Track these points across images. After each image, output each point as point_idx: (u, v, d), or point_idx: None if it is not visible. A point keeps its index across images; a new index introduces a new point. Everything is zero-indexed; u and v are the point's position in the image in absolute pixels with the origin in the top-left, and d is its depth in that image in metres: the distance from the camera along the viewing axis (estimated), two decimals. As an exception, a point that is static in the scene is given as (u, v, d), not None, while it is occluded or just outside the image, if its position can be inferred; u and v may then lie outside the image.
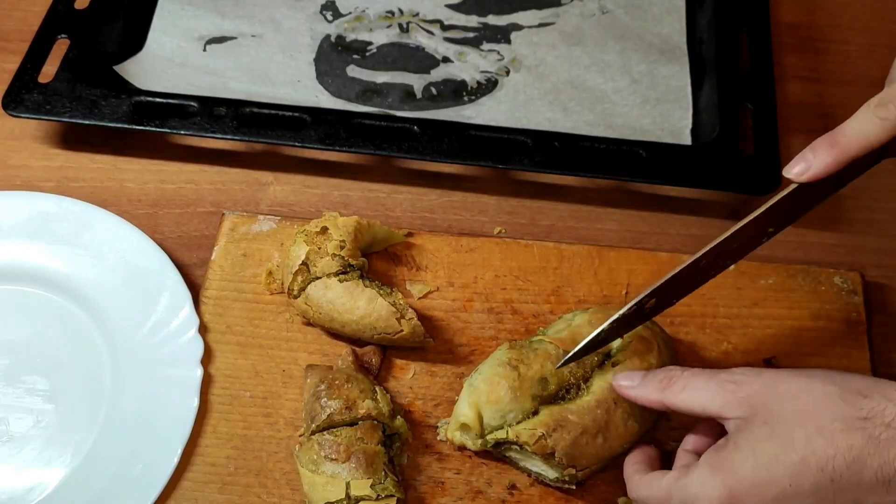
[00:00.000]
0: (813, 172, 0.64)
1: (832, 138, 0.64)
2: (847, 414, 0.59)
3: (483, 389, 0.73)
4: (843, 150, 0.63)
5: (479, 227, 0.89)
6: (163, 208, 0.89)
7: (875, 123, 0.62)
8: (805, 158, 0.64)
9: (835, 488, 0.58)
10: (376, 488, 0.69)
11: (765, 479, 0.59)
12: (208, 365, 0.78)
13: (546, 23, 1.01)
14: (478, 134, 0.87)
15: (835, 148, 0.63)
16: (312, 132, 0.87)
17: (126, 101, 0.89)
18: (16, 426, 0.77)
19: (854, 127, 0.63)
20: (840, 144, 0.63)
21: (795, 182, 0.65)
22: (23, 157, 0.92)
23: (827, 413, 0.59)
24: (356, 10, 1.02)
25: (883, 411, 0.58)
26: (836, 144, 0.63)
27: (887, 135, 0.62)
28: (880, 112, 0.62)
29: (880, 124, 0.62)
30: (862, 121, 0.63)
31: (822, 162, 0.63)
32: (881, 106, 0.63)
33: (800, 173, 0.64)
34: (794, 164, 0.65)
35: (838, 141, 0.63)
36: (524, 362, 0.73)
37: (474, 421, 0.72)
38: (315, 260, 0.78)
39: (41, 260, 0.83)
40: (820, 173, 0.64)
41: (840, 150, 0.63)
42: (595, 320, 0.75)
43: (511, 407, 0.72)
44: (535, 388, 0.72)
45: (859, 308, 0.82)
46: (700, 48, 0.98)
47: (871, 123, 0.62)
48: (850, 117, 0.64)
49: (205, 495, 0.73)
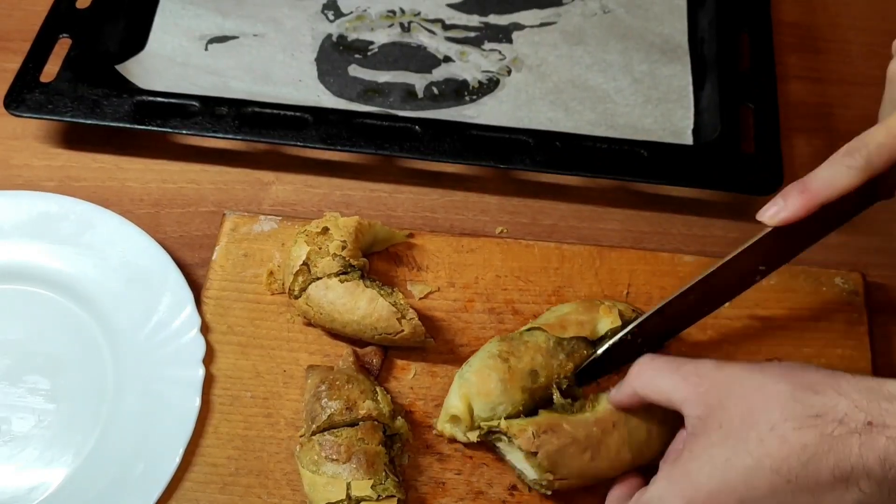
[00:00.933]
0: (784, 216, 0.67)
1: (803, 184, 0.67)
2: (798, 412, 0.59)
3: (473, 382, 0.73)
4: (812, 197, 0.66)
5: (480, 226, 0.89)
6: (164, 208, 0.89)
7: (843, 171, 0.65)
8: (777, 203, 0.68)
9: (792, 489, 0.58)
10: (377, 489, 0.69)
11: (721, 486, 0.60)
12: (210, 365, 0.78)
13: (547, 22, 1.01)
14: (479, 134, 0.87)
15: (805, 194, 0.66)
16: (314, 132, 0.87)
17: (128, 101, 0.89)
18: (17, 426, 0.77)
19: (823, 174, 0.66)
20: (810, 190, 0.66)
21: (768, 225, 0.68)
22: (24, 156, 0.92)
23: (778, 412, 0.60)
24: (358, 9, 1.02)
25: (835, 407, 0.58)
26: (807, 190, 0.66)
27: (856, 181, 0.65)
28: (847, 160, 0.65)
29: (847, 171, 0.65)
30: (831, 168, 0.66)
31: (792, 206, 0.67)
32: (848, 154, 0.66)
33: (772, 216, 0.68)
34: (767, 207, 0.68)
35: (808, 187, 0.66)
36: (515, 355, 0.74)
37: (464, 413, 0.73)
38: (316, 260, 0.78)
39: (43, 260, 0.83)
40: (791, 217, 0.67)
41: (810, 196, 0.66)
42: (581, 308, 0.77)
43: (501, 399, 0.72)
44: (526, 381, 0.73)
45: (860, 309, 0.82)
46: (701, 48, 0.98)
47: (839, 171, 0.66)
48: (821, 165, 0.67)
49: (206, 496, 0.73)
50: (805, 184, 0.67)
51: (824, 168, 0.67)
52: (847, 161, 0.65)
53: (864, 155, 0.65)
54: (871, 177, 0.66)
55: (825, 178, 0.66)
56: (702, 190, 0.88)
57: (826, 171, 0.66)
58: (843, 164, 0.65)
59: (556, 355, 0.74)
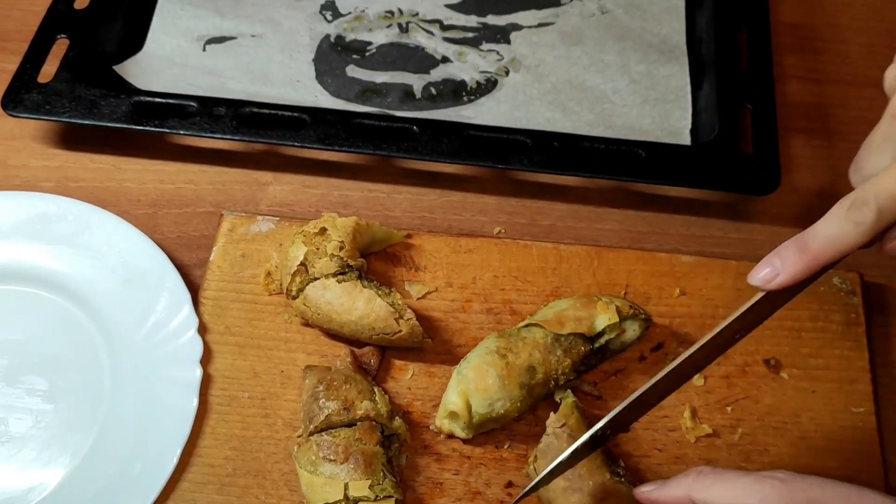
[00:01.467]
0: (781, 280, 0.60)
1: (802, 242, 0.59)
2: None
3: (471, 378, 0.74)
4: (814, 258, 0.59)
5: (478, 226, 0.89)
6: (162, 208, 0.89)
7: (849, 227, 0.58)
8: (772, 263, 0.60)
9: None
10: (375, 489, 0.69)
11: None
12: (207, 365, 0.78)
13: (545, 23, 1.01)
14: (477, 134, 0.87)
15: (805, 254, 0.59)
16: (312, 132, 0.87)
17: (125, 101, 0.89)
18: (15, 426, 0.77)
19: (827, 231, 0.58)
20: (811, 250, 0.59)
21: (761, 290, 0.61)
22: (22, 157, 0.92)
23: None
24: (356, 9, 1.02)
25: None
26: (807, 250, 0.59)
27: (863, 239, 0.58)
28: (854, 215, 0.57)
29: (854, 228, 0.57)
30: (835, 224, 0.58)
31: (791, 269, 0.59)
32: (855, 208, 0.57)
33: (766, 280, 0.60)
34: (759, 268, 0.60)
35: (809, 247, 0.59)
36: (512, 351, 0.74)
37: (462, 409, 0.73)
38: (313, 261, 0.78)
39: (40, 260, 0.83)
40: (788, 282, 0.59)
41: (811, 256, 0.59)
42: (579, 304, 0.77)
43: (499, 395, 0.73)
44: (523, 377, 0.74)
45: (858, 309, 0.82)
46: (699, 48, 0.98)
47: (845, 227, 0.58)
48: (822, 219, 0.59)
49: (203, 496, 0.73)
50: (804, 242, 0.59)
51: (827, 224, 0.58)
52: (855, 216, 0.57)
53: (874, 209, 0.57)
54: (882, 231, 0.58)
55: (829, 237, 0.58)
56: (700, 190, 0.88)
57: (829, 229, 0.58)
58: (850, 219, 0.57)
59: (553, 351, 0.75)
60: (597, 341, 0.77)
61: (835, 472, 0.75)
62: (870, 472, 0.75)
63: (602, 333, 0.77)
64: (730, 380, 0.79)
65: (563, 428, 0.71)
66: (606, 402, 0.78)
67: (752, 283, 0.61)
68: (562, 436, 0.71)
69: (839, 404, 0.78)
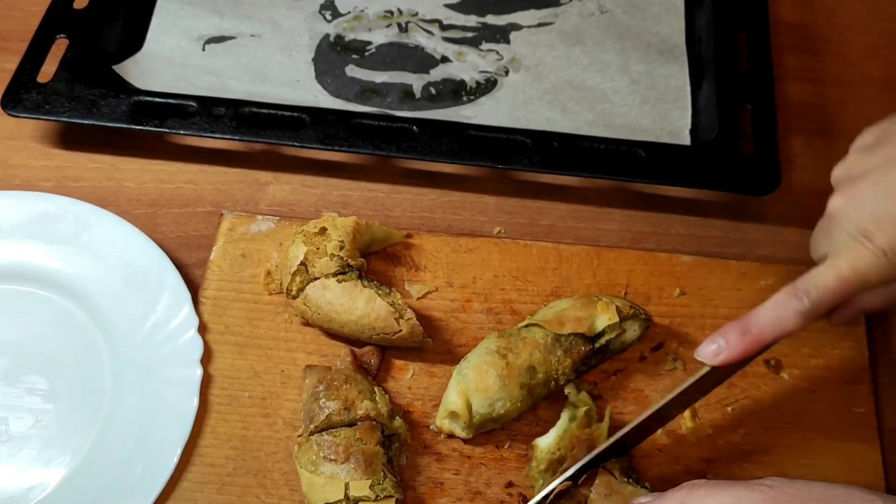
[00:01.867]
0: (724, 357, 0.67)
1: (745, 325, 0.66)
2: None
3: (472, 378, 0.74)
4: (754, 340, 0.66)
5: (478, 226, 0.89)
6: (162, 208, 0.89)
7: (789, 314, 0.65)
8: (717, 342, 0.67)
9: None
10: (375, 489, 0.69)
11: None
12: (207, 365, 0.78)
13: (545, 23, 1.01)
14: (477, 134, 0.87)
15: (747, 336, 0.66)
16: (311, 132, 0.87)
17: (125, 101, 0.89)
18: (15, 426, 0.77)
19: (767, 316, 0.66)
20: (752, 333, 0.66)
21: (707, 364, 0.68)
22: (22, 156, 0.92)
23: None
24: (355, 9, 1.02)
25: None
26: (749, 332, 0.66)
27: (801, 324, 0.65)
28: (794, 303, 0.65)
29: (793, 315, 0.65)
30: (776, 310, 0.66)
31: (733, 349, 0.66)
32: (796, 297, 0.65)
33: (711, 356, 0.67)
34: (706, 344, 0.67)
35: (751, 329, 0.66)
36: (512, 351, 0.75)
37: (463, 409, 0.73)
38: (314, 260, 0.78)
39: (40, 260, 0.83)
40: (731, 359, 0.67)
41: (752, 338, 0.66)
42: (579, 304, 0.77)
43: (500, 395, 0.73)
44: (524, 377, 0.74)
45: (858, 308, 0.82)
46: (699, 48, 0.98)
47: (785, 313, 0.65)
48: (764, 304, 0.67)
49: (204, 496, 0.73)
50: (747, 325, 0.66)
51: (768, 309, 0.66)
52: (794, 304, 0.65)
53: (813, 298, 0.65)
54: (816, 318, 0.66)
55: (769, 320, 0.66)
56: (700, 190, 0.88)
57: (770, 313, 0.66)
58: (790, 306, 0.65)
59: (553, 351, 0.75)
60: (597, 341, 0.77)
61: (835, 472, 0.75)
62: (870, 472, 0.75)
63: (602, 333, 0.77)
64: (730, 380, 0.79)
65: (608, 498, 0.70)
66: (607, 401, 0.78)
67: (699, 358, 0.68)
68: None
69: (839, 404, 0.78)
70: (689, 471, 0.75)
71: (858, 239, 0.65)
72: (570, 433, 0.73)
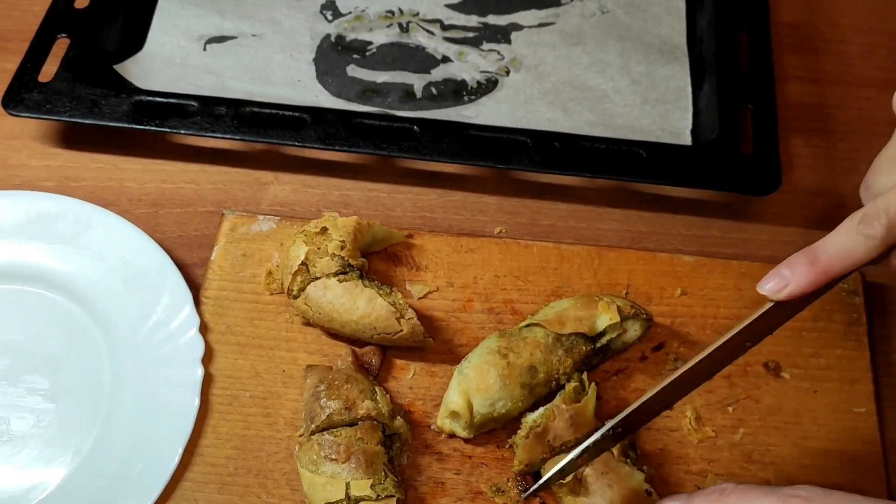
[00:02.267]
0: (790, 291, 0.61)
1: (812, 254, 0.61)
2: None
3: (472, 377, 0.74)
4: (824, 270, 0.60)
5: (479, 226, 0.89)
6: (163, 208, 0.89)
7: (860, 241, 0.59)
8: (781, 274, 0.61)
9: None
10: (376, 488, 0.69)
11: None
12: (208, 365, 0.78)
13: (546, 23, 1.01)
14: (478, 134, 0.87)
15: (815, 265, 0.60)
16: (312, 132, 0.87)
17: (126, 101, 0.89)
18: (16, 426, 0.77)
19: (837, 244, 0.60)
20: (821, 262, 0.60)
21: (770, 300, 0.62)
22: (23, 156, 0.92)
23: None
24: (356, 9, 1.02)
25: None
26: (817, 261, 0.60)
27: (872, 254, 0.60)
28: (864, 229, 0.59)
29: (864, 242, 0.59)
30: (845, 237, 0.60)
31: (800, 280, 0.60)
32: (865, 223, 0.60)
33: (775, 290, 0.61)
34: (768, 279, 0.62)
35: (819, 258, 0.60)
36: (513, 351, 0.75)
37: (464, 409, 0.73)
38: (314, 260, 0.78)
39: (41, 260, 0.83)
40: (797, 292, 0.61)
41: (821, 268, 0.60)
42: (580, 304, 0.77)
43: (500, 395, 0.73)
44: (525, 377, 0.74)
45: (860, 309, 0.82)
46: (700, 48, 0.98)
47: (856, 241, 0.60)
48: (833, 232, 0.61)
49: (205, 495, 0.73)
50: (815, 253, 0.60)
51: (837, 237, 0.60)
52: (865, 230, 0.59)
53: (885, 223, 0.59)
54: (891, 247, 0.60)
55: (839, 250, 0.60)
56: (700, 190, 0.88)
57: (840, 241, 0.60)
58: (861, 232, 0.59)
59: (555, 351, 0.75)
60: (598, 341, 0.77)
61: (836, 472, 0.75)
62: (871, 472, 0.75)
63: (603, 333, 0.77)
64: (731, 380, 0.79)
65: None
66: (608, 401, 0.78)
67: (762, 292, 0.62)
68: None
69: (841, 404, 0.78)
70: (689, 471, 0.75)
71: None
72: (555, 405, 0.73)
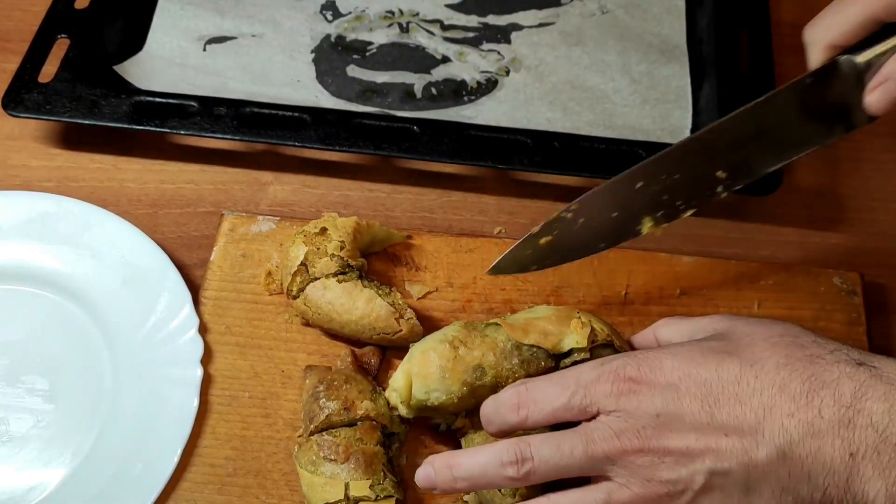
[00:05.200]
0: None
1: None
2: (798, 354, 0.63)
3: (417, 360, 0.71)
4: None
5: (478, 227, 0.89)
6: (163, 208, 0.89)
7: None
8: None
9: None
10: (375, 489, 0.69)
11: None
12: (208, 365, 0.78)
13: (546, 23, 1.01)
14: (478, 134, 0.87)
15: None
16: (312, 132, 0.87)
17: (126, 101, 0.89)
18: (15, 426, 0.77)
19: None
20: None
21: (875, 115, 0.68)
22: (22, 156, 0.92)
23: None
24: (356, 9, 1.02)
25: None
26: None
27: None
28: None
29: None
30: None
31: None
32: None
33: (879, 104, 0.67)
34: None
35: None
36: (467, 345, 0.71)
37: (403, 389, 0.71)
38: (314, 261, 0.78)
39: (41, 260, 0.83)
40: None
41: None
42: (555, 317, 0.73)
43: (437, 386, 0.70)
44: (469, 375, 0.70)
45: (859, 309, 0.82)
46: (700, 48, 0.98)
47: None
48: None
49: (204, 496, 0.73)
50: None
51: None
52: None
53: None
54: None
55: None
56: (700, 190, 0.88)
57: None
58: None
59: (509, 358, 0.70)
60: (562, 361, 0.71)
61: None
62: (871, 472, 0.75)
63: (570, 353, 0.71)
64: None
65: None
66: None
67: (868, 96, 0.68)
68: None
69: (840, 404, 0.78)
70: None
71: None
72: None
